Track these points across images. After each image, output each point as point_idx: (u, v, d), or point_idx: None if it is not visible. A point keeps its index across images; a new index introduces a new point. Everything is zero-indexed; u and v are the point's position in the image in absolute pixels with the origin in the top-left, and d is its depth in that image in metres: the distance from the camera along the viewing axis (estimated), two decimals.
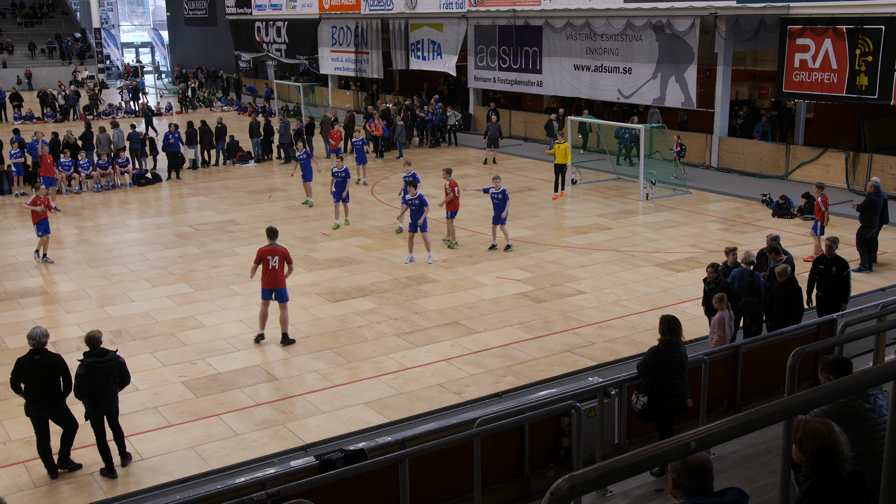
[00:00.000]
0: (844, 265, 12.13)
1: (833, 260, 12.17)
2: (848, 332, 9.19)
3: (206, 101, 45.06)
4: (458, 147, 31.60)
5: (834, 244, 12.32)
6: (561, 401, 8.10)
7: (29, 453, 9.71)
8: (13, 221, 21.12)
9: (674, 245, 17.84)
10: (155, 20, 75.30)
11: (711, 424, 3.07)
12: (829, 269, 12.16)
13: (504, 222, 17.39)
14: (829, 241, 12.41)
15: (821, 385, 3.42)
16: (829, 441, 3.91)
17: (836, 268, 12.10)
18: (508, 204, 17.27)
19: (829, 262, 12.17)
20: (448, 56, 34.81)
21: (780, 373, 8.87)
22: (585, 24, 28.36)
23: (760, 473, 7.24)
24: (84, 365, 9.02)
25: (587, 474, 2.74)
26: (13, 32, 57.95)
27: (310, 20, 42.92)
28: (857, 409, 4.94)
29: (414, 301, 14.68)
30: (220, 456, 9.69)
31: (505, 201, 17.10)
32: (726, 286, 11.38)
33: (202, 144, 27.92)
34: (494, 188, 17.20)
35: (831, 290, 12.11)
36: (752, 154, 25.17)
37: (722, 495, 3.82)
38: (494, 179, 17.49)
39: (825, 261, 12.25)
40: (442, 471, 7.76)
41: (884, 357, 9.27)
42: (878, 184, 16.08)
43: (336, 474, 6.72)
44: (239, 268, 16.67)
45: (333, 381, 11.61)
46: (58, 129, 30.75)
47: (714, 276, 11.55)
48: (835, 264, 12.13)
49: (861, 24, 21.14)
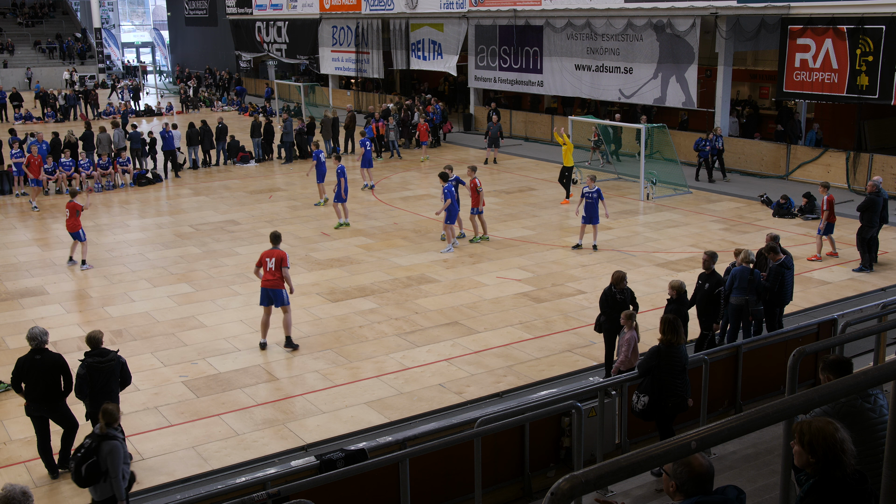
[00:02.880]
0: (717, 283, 11.26)
1: (709, 276, 11.31)
2: (848, 332, 9.21)
3: (206, 101, 45.08)
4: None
5: (713, 259, 11.35)
6: (561, 401, 8.11)
7: (29, 453, 9.72)
8: (13, 221, 21.12)
9: (674, 245, 17.84)
10: (155, 20, 75.26)
11: (712, 424, 3.07)
12: (703, 285, 11.35)
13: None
14: (708, 256, 11.40)
15: (821, 385, 3.42)
16: (839, 440, 3.92)
17: (708, 284, 11.27)
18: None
19: (704, 278, 11.35)
20: (449, 56, 34.81)
21: (780, 373, 8.87)
22: (586, 24, 28.36)
23: (761, 473, 7.24)
24: (85, 365, 9.02)
25: (588, 474, 2.74)
26: (14, 32, 57.97)
27: (310, 20, 42.93)
28: (857, 409, 4.94)
29: (414, 301, 14.68)
30: (221, 456, 9.69)
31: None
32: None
33: (203, 144, 27.92)
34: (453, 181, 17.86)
35: (701, 306, 11.34)
36: (752, 154, 25.17)
37: (722, 492, 3.86)
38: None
39: (702, 275, 11.42)
40: (442, 471, 7.77)
41: (884, 357, 9.27)
42: (880, 183, 16.08)
43: (337, 474, 6.73)
44: (239, 268, 16.69)
45: (334, 380, 11.62)
46: (58, 129, 30.77)
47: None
48: (708, 281, 11.30)
49: (862, 23, 21.13)
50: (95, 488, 7.56)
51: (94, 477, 7.45)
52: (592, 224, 17.39)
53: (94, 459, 7.41)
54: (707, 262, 11.38)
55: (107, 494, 7.54)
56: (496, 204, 21.97)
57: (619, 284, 10.97)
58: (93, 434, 7.59)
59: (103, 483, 7.49)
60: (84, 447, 7.51)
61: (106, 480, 7.48)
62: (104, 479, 7.49)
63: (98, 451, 7.42)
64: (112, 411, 7.55)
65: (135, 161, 26.73)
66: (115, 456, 7.42)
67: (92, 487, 7.58)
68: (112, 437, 7.50)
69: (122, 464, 7.52)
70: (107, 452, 7.40)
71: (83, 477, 7.44)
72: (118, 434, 7.66)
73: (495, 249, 17.68)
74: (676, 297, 10.60)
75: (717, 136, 24.25)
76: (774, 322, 12.01)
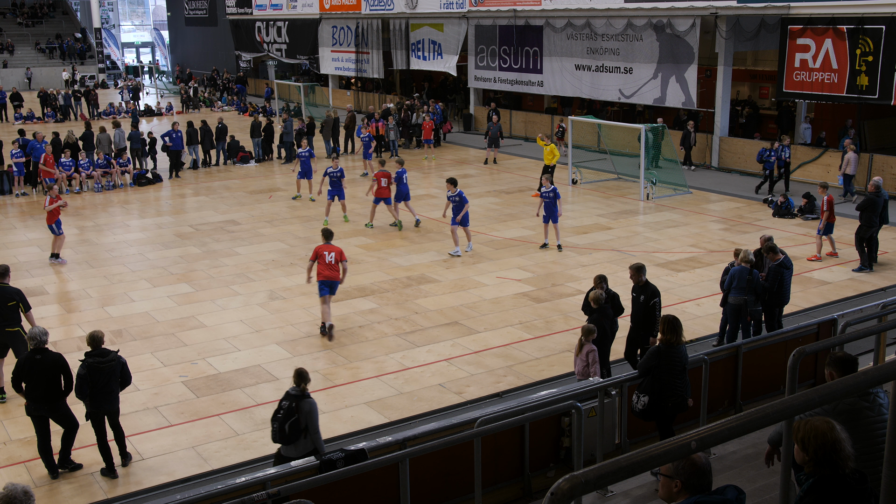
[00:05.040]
0: (653, 294, 10.75)
1: (642, 288, 10.85)
2: (848, 332, 9.20)
3: (206, 102, 45.08)
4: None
5: (641, 272, 10.87)
6: (561, 401, 8.10)
7: (29, 453, 9.72)
8: (13, 221, 21.12)
9: (674, 245, 17.84)
10: (155, 20, 75.28)
11: (712, 424, 3.07)
12: (638, 298, 10.86)
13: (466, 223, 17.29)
14: (634, 269, 10.89)
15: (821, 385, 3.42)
16: (831, 439, 3.91)
17: (643, 296, 10.80)
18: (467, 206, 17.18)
19: (638, 290, 10.87)
20: (449, 56, 34.82)
21: (780, 373, 8.88)
22: (586, 24, 28.36)
23: (761, 473, 7.23)
24: (85, 365, 9.02)
25: (588, 474, 2.74)
26: (14, 32, 57.97)
27: (310, 20, 42.94)
28: (856, 409, 4.94)
29: (414, 301, 14.68)
30: (221, 456, 9.70)
31: (464, 203, 17.02)
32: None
33: (203, 144, 27.92)
34: (451, 192, 17.13)
35: (636, 319, 10.87)
36: (752, 154, 25.15)
37: (722, 492, 3.86)
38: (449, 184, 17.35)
39: (634, 288, 10.95)
40: (442, 471, 7.77)
41: (884, 357, 9.27)
42: (880, 184, 16.08)
43: (337, 474, 6.73)
44: (239, 268, 16.69)
45: (334, 381, 11.62)
46: (58, 129, 30.77)
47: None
48: (642, 293, 10.82)
49: (861, 24, 21.13)
50: (296, 444, 8.10)
51: (296, 433, 8.05)
52: (553, 223, 17.29)
53: (295, 417, 8.01)
54: (634, 275, 10.87)
55: (307, 449, 8.10)
56: (496, 204, 21.99)
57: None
58: (289, 395, 8.17)
59: (303, 439, 8.09)
60: (283, 408, 8.10)
61: (306, 437, 8.09)
62: (304, 436, 8.09)
63: (298, 410, 8.03)
64: (304, 372, 8.24)
65: (135, 161, 26.73)
66: (313, 413, 8.10)
67: (293, 444, 8.08)
68: (308, 396, 8.15)
69: (318, 420, 8.21)
70: (307, 410, 8.05)
71: (287, 434, 8.04)
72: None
73: (495, 249, 17.68)
74: (597, 308, 10.35)
75: (784, 145, 21.96)
76: (774, 322, 12.02)
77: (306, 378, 8.20)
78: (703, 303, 14.25)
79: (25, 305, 11.15)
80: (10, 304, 11.01)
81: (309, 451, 8.09)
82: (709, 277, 15.36)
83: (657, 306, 10.73)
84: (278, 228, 19.80)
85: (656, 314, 10.64)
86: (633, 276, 10.93)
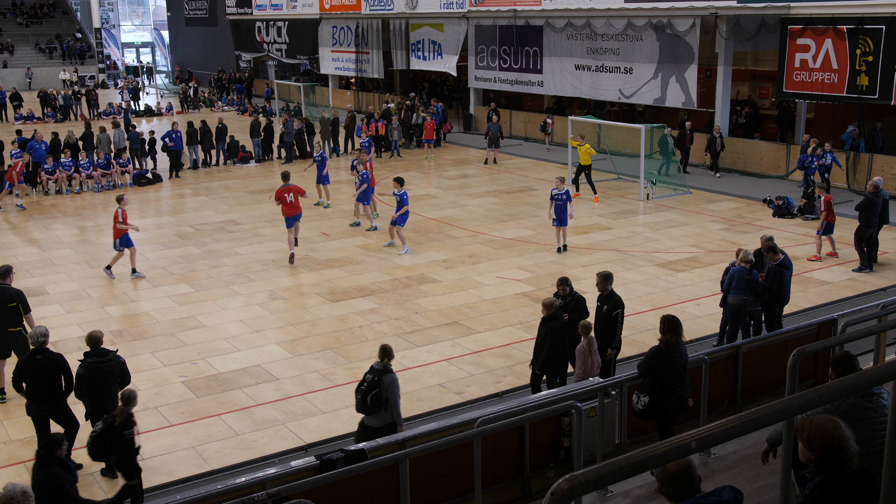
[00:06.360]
0: (616, 305, 10.44)
1: (606, 297, 10.52)
2: (848, 332, 9.19)
3: (206, 101, 45.08)
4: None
5: (608, 280, 10.52)
6: (561, 401, 8.10)
7: (29, 453, 9.69)
8: (13, 221, 21.12)
9: (674, 245, 17.84)
10: (155, 20, 75.26)
11: (712, 424, 3.07)
12: (602, 307, 10.55)
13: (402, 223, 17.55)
14: (601, 277, 10.55)
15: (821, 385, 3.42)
16: (837, 437, 3.91)
17: (606, 306, 10.49)
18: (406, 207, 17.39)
19: (603, 299, 10.55)
20: (449, 56, 34.82)
21: (780, 373, 8.87)
22: (586, 24, 28.36)
23: (760, 473, 7.23)
24: (84, 365, 9.02)
25: (588, 474, 2.74)
26: (14, 32, 57.98)
27: (310, 20, 42.94)
28: (858, 409, 4.94)
29: (414, 301, 14.68)
30: (221, 456, 9.70)
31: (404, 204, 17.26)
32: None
33: (203, 144, 27.91)
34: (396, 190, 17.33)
35: (597, 329, 10.39)
36: (752, 154, 25.18)
37: (718, 494, 3.85)
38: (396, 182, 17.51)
39: (600, 297, 10.62)
40: (442, 471, 7.77)
41: (884, 357, 9.27)
42: (879, 184, 16.06)
43: (337, 474, 6.73)
44: (239, 268, 16.69)
45: (334, 381, 11.62)
46: (58, 129, 30.76)
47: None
48: (606, 303, 10.51)
49: (861, 24, 21.13)
50: (376, 416, 8.64)
51: (377, 405, 8.58)
52: (562, 227, 17.24)
53: (377, 391, 8.56)
54: (601, 283, 10.56)
55: (387, 421, 8.66)
56: (496, 204, 21.99)
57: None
58: (373, 369, 8.70)
59: (384, 411, 8.62)
60: (366, 381, 8.66)
61: (386, 409, 8.62)
62: (385, 408, 8.62)
63: (380, 384, 8.57)
64: (389, 348, 8.78)
65: (135, 161, 26.73)
66: (394, 387, 8.64)
67: (374, 415, 8.64)
68: (391, 371, 8.69)
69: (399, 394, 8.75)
70: (388, 384, 8.59)
71: (368, 405, 8.60)
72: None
73: (495, 249, 17.68)
74: (549, 315, 10.05)
75: (826, 151, 20.59)
76: (774, 322, 12.01)
77: (390, 354, 8.72)
78: (703, 303, 14.25)
79: (25, 307, 11.14)
80: (11, 306, 11.00)
81: (388, 422, 8.63)
82: (709, 277, 15.36)
83: (619, 318, 10.46)
84: (278, 228, 19.75)
85: (617, 326, 10.45)
86: (600, 285, 10.58)
